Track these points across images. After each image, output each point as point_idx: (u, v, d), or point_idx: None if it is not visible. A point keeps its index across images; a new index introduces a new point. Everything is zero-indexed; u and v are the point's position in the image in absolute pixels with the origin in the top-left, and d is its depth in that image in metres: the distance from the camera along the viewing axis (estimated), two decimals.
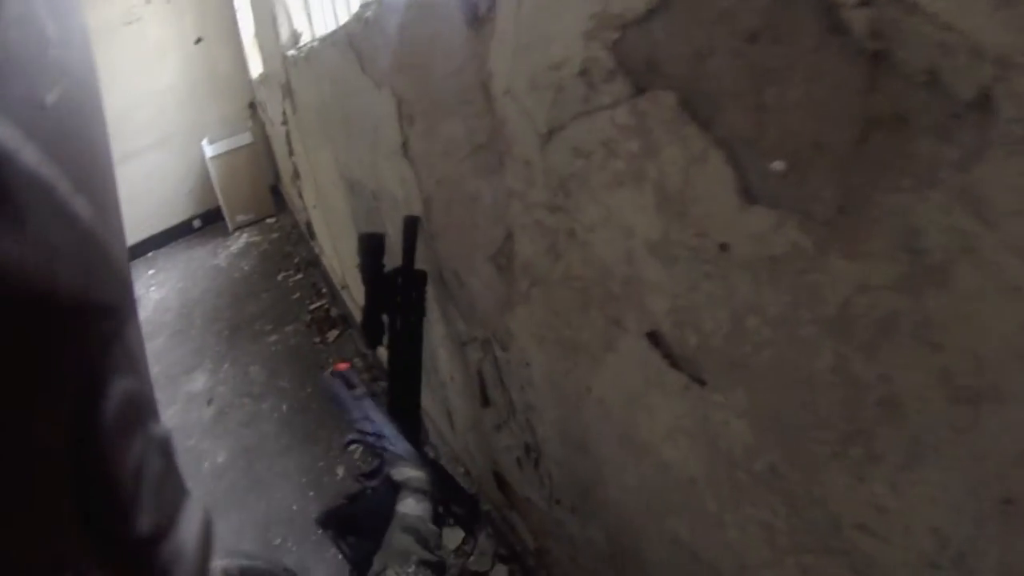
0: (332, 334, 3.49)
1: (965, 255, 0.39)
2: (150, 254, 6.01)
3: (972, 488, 0.44)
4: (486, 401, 1.52)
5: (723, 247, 0.57)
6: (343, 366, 1.38)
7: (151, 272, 5.52)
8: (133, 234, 5.90)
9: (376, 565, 0.89)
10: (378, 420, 1.24)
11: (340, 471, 2.43)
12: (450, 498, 1.07)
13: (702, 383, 0.68)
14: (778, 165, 0.48)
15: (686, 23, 0.52)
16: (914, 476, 0.48)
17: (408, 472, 1.03)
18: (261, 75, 4.58)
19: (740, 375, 0.62)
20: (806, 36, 0.43)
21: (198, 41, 5.94)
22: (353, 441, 1.23)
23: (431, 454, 2.20)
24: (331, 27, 2.18)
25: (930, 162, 0.39)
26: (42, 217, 0.15)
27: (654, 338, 0.73)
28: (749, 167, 0.52)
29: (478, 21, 0.86)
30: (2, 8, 0.15)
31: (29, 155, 0.15)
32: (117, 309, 0.20)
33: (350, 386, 1.33)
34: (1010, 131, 0.35)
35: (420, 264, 1.45)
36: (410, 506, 0.97)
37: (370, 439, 1.20)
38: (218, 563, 0.87)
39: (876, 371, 0.48)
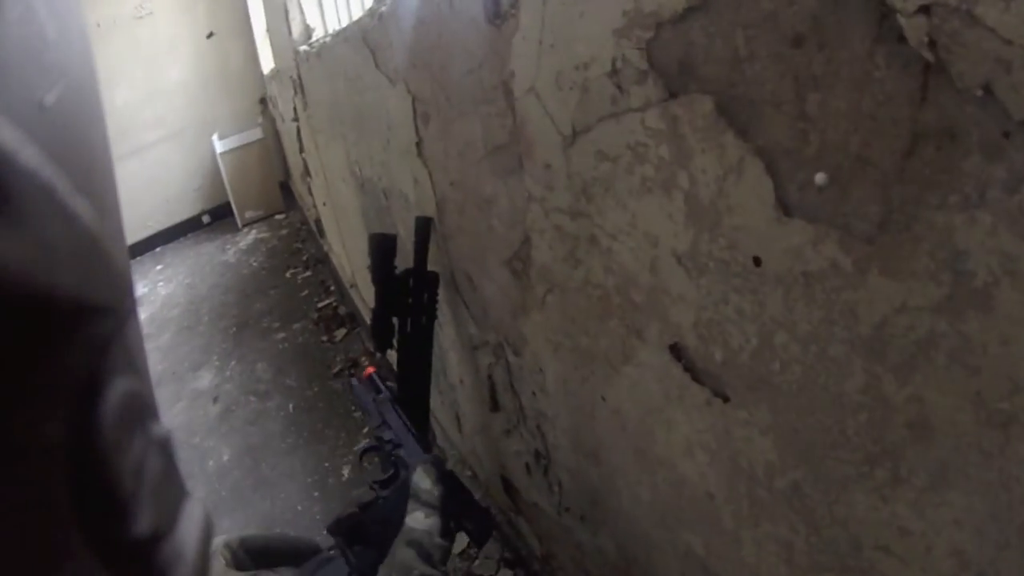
0: (340, 332, 3.49)
1: (1008, 278, 0.38)
2: (158, 249, 6.03)
3: (997, 512, 0.43)
4: (496, 406, 1.50)
5: (756, 261, 0.56)
6: (370, 370, 1.38)
7: (159, 267, 5.54)
8: (142, 229, 5.94)
9: None
10: (398, 428, 1.23)
11: (346, 472, 2.42)
12: (462, 512, 1.05)
13: (725, 399, 0.66)
14: (820, 178, 0.46)
15: (726, 24, 0.51)
16: (938, 499, 0.47)
17: (420, 484, 1.02)
18: (272, 70, 4.59)
19: (766, 392, 0.60)
20: (856, 42, 0.41)
21: (210, 35, 5.96)
22: (370, 449, 1.23)
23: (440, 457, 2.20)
24: (344, 22, 2.18)
25: (978, 181, 0.38)
26: (42, 217, 0.15)
27: (676, 351, 0.72)
28: (788, 179, 0.50)
29: (500, 17, 0.84)
30: (2, 8, 0.15)
31: (29, 156, 0.15)
32: (117, 309, 0.20)
33: (377, 391, 1.33)
34: None
35: (432, 266, 1.44)
36: (418, 520, 0.96)
37: (387, 447, 1.20)
38: (219, 539, 0.89)
39: (908, 392, 0.47)
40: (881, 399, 0.49)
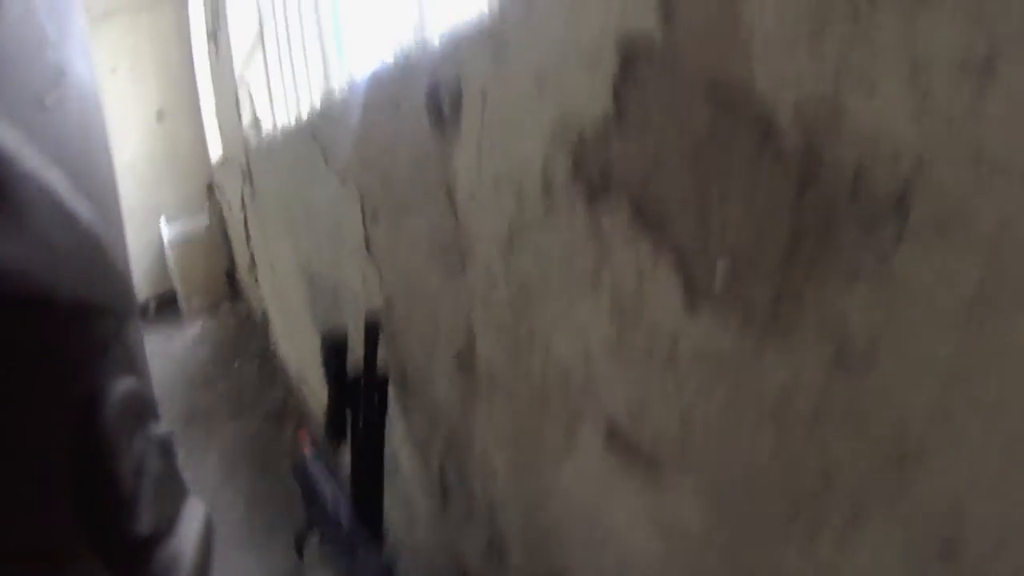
0: (289, 426, 3.40)
1: (886, 336, 0.43)
2: None
3: (911, 538, 0.47)
4: (448, 499, 1.49)
5: (672, 347, 0.61)
6: (303, 434, 1.34)
7: None
8: None
9: None
10: (350, 527, 1.19)
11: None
12: None
13: (658, 472, 0.70)
14: (721, 268, 0.52)
15: (638, 133, 0.57)
16: (858, 535, 0.51)
17: None
18: (221, 157, 4.56)
19: (692, 461, 0.64)
20: (744, 143, 0.48)
21: (159, 117, 5.88)
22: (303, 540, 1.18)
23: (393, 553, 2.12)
24: (294, 114, 2.19)
25: (853, 258, 0.44)
26: (42, 218, 0.15)
27: (612, 433, 0.75)
28: (695, 271, 0.56)
29: (443, 122, 0.90)
30: (2, 9, 0.15)
31: (30, 156, 0.15)
32: (117, 309, 0.20)
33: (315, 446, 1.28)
34: (923, 221, 0.39)
35: (381, 362, 1.45)
36: None
37: (342, 547, 1.16)
38: None
39: (814, 445, 0.51)
40: (791, 454, 0.53)
